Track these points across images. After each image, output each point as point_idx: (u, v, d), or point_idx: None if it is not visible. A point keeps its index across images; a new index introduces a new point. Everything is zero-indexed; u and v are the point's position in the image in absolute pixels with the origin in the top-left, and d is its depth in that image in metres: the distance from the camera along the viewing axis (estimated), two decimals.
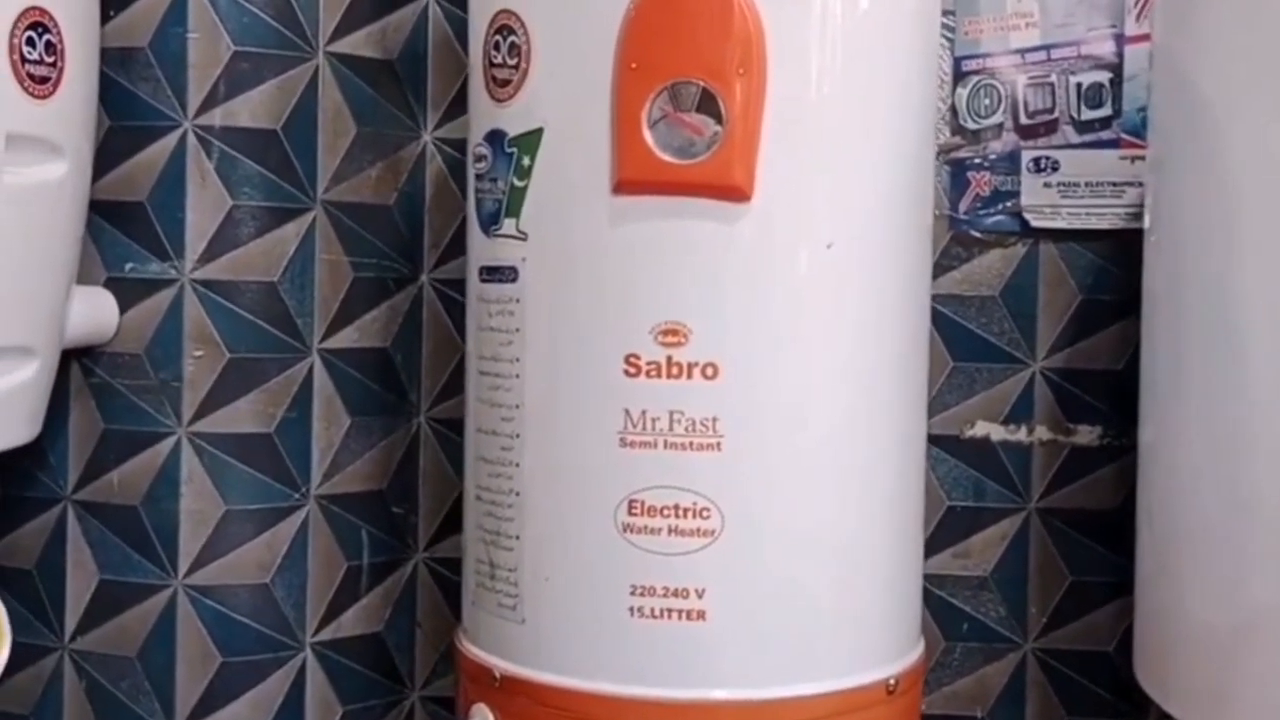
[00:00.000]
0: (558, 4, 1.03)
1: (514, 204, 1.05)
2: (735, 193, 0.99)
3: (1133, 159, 1.29)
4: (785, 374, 1.01)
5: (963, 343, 1.32)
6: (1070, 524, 1.32)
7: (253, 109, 1.23)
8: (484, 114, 1.09)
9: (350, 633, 1.33)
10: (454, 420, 1.34)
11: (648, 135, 0.99)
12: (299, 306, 1.28)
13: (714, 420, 1.00)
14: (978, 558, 1.34)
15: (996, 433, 1.32)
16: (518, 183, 1.05)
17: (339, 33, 1.29)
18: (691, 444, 1.00)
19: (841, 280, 1.02)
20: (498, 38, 1.06)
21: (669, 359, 1.00)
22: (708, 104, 0.99)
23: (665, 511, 1.00)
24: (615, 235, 1.01)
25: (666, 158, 0.99)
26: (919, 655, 1.11)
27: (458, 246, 1.34)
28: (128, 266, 1.22)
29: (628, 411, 1.00)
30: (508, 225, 1.06)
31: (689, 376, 0.99)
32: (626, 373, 1.00)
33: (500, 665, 1.06)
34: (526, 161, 1.04)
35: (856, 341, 1.03)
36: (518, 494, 1.06)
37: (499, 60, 1.06)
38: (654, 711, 0.99)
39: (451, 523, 1.37)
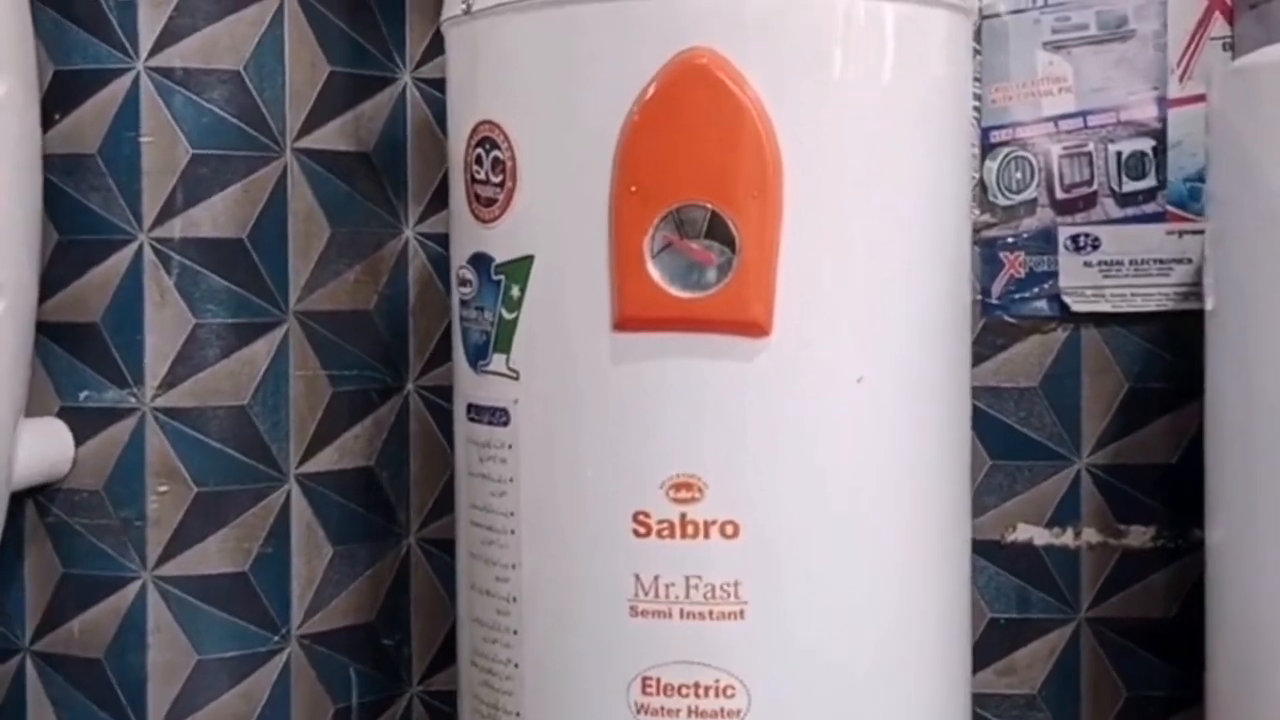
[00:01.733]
0: (545, 116, 0.92)
1: (503, 338, 0.94)
2: (752, 327, 0.88)
3: (1181, 233, 1.19)
4: (815, 531, 0.89)
5: (1000, 439, 1.21)
6: (1124, 634, 1.21)
7: (215, 217, 1.12)
8: (467, 234, 0.97)
9: None
10: (447, 540, 1.22)
11: (651, 266, 0.88)
12: (273, 430, 1.16)
13: (736, 585, 0.88)
14: (1024, 674, 1.23)
15: (1040, 536, 1.21)
16: (506, 314, 0.93)
17: (308, 127, 1.17)
18: (711, 613, 0.89)
19: (876, 418, 0.91)
20: (479, 150, 0.95)
21: (683, 516, 0.88)
22: (718, 228, 0.88)
23: (684, 690, 0.89)
24: (619, 377, 0.90)
25: (673, 291, 0.88)
26: None
27: (445, 351, 1.22)
28: (82, 395, 1.12)
29: (638, 576, 0.89)
30: (497, 361, 0.94)
31: (706, 536, 0.88)
32: (635, 532, 0.89)
33: None
34: (516, 292, 0.93)
35: (894, 487, 0.92)
36: (516, 665, 0.94)
37: (481, 176, 0.95)
38: None
39: (447, 651, 1.26)
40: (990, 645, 1.23)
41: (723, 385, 0.89)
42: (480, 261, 0.96)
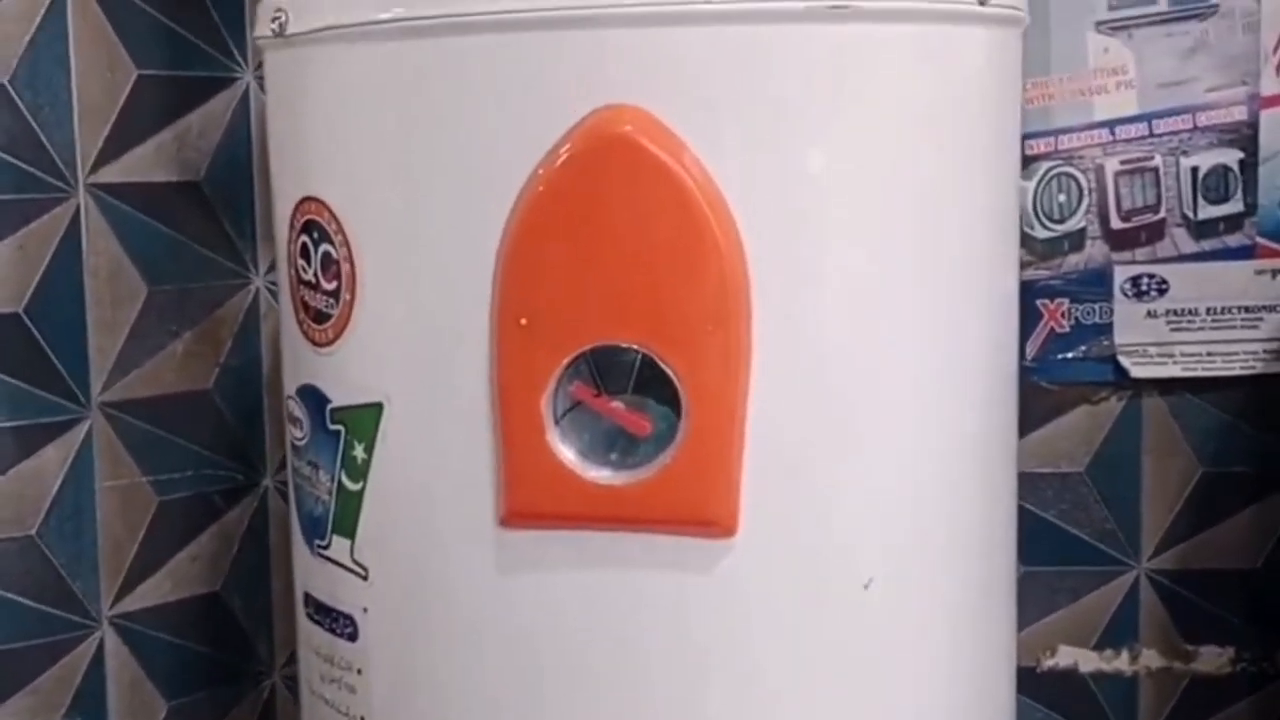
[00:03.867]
0: (393, 201, 0.62)
1: (345, 515, 0.65)
2: (708, 524, 0.60)
3: (1275, 273, 0.97)
4: None
5: (1037, 539, 0.99)
6: None
7: None
8: (298, 357, 0.68)
9: None
10: None
11: (553, 435, 0.60)
12: (74, 563, 0.90)
13: None
14: None
15: (1087, 661, 1.02)
16: (349, 483, 0.64)
17: (109, 153, 0.92)
18: None
19: (895, 637, 0.63)
20: (304, 239, 0.65)
21: None
22: (653, 379, 0.58)
23: None
24: (509, 593, 0.62)
25: (587, 472, 0.60)
26: None
27: None
28: None
29: None
30: (338, 546, 0.66)
31: None
32: None
33: None
34: (360, 453, 0.64)
35: None
36: None
37: (309, 278, 0.65)
38: None
39: None
40: None
41: (665, 608, 0.61)
42: (311, 398, 0.66)
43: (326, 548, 0.66)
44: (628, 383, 0.59)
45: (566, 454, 0.59)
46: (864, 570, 0.62)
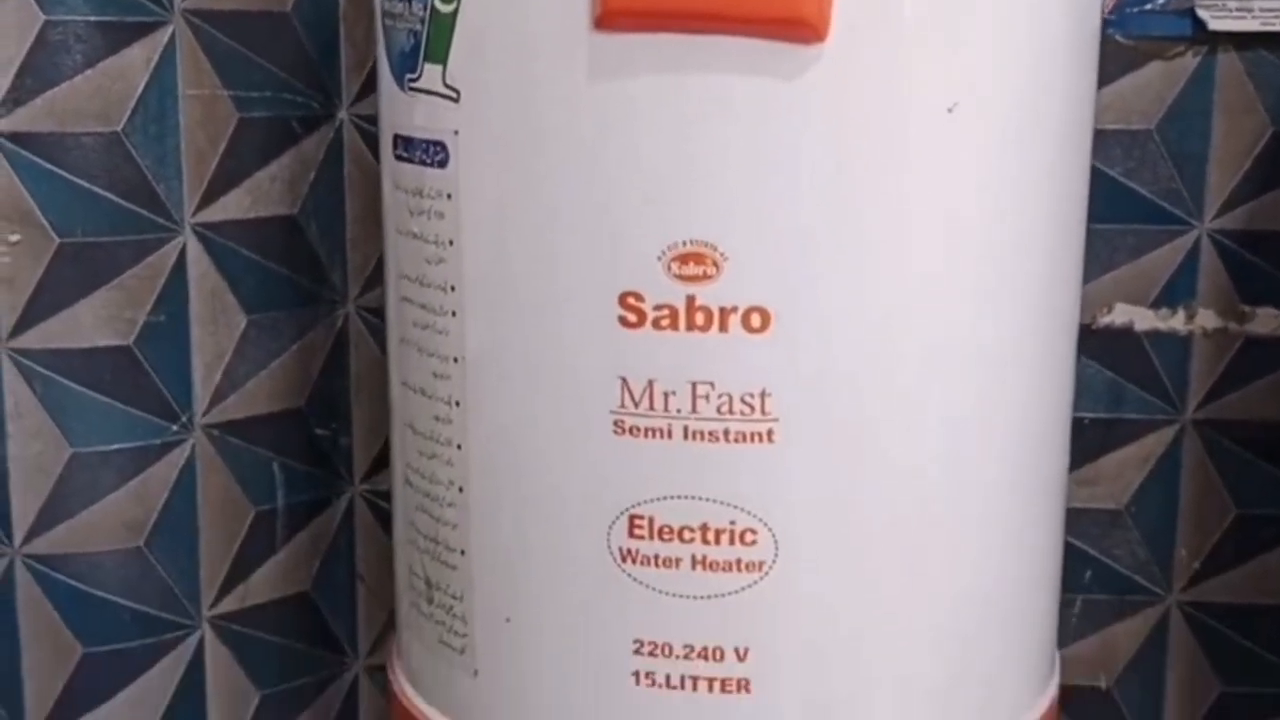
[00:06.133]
0: None
1: (438, 40, 0.66)
2: (799, 26, 0.60)
3: None
4: (876, 322, 0.64)
5: (1101, 195, 0.94)
6: (1240, 441, 1.00)
7: None
8: None
9: (265, 598, 1.00)
10: None
11: None
12: (159, 165, 0.91)
13: (762, 396, 0.63)
14: (1110, 485, 1.02)
15: (1143, 319, 0.99)
16: (442, 6, 0.66)
17: None
18: (727, 433, 0.64)
19: (968, 165, 0.64)
20: None
21: (690, 300, 0.63)
22: None
23: (686, 534, 0.65)
24: (600, 99, 0.63)
25: None
26: (1051, 697, 0.77)
27: None
28: None
29: (626, 382, 0.64)
30: (429, 74, 0.67)
31: (723, 328, 0.63)
32: (623, 320, 0.64)
33: None
34: None
35: (990, 260, 0.66)
36: (460, 489, 0.70)
37: None
38: None
39: None
40: (1072, 450, 0.98)
41: (753, 112, 0.62)
42: None
43: (417, 80, 0.68)
44: None
45: None
46: (948, 93, 0.63)
